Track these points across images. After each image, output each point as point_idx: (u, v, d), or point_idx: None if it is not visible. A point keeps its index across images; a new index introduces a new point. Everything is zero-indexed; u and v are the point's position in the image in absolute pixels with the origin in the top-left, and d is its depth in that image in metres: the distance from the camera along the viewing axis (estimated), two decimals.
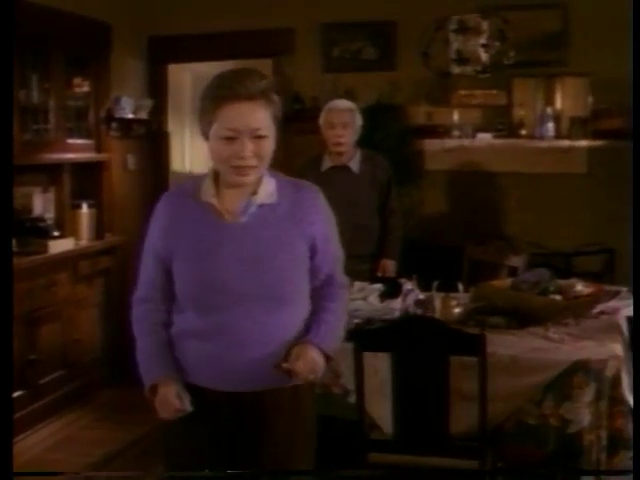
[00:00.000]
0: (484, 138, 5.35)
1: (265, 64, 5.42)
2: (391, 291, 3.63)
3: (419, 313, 3.37)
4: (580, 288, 3.49)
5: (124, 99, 5.39)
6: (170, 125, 6.26)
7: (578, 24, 5.16)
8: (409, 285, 3.54)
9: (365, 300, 3.55)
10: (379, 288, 3.69)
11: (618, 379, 2.87)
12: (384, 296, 3.61)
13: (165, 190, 2.44)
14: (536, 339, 3.14)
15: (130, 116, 5.51)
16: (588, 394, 2.84)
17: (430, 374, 2.80)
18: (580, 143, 5.19)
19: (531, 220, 5.34)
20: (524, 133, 5.32)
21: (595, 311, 3.47)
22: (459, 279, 3.81)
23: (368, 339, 2.89)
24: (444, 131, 5.43)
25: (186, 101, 6.74)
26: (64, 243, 4.75)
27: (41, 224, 4.72)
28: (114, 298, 5.17)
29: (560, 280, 3.54)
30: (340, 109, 4.18)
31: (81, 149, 5.09)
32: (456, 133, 5.38)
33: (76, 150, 5.03)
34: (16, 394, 4.23)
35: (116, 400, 4.85)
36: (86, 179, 5.20)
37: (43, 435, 4.35)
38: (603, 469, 2.83)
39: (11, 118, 4.12)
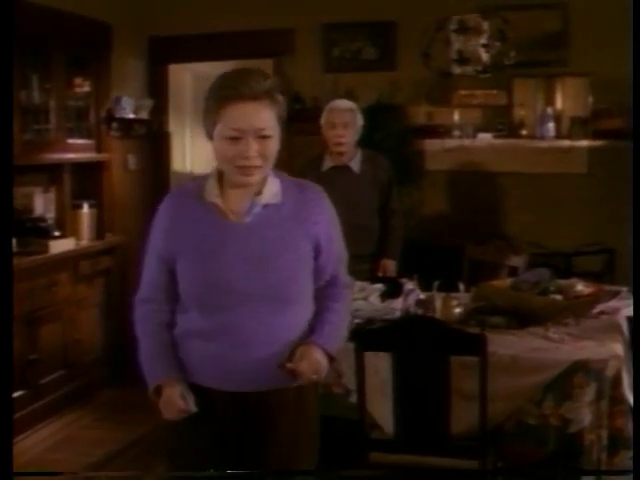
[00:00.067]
0: (484, 138, 5.35)
1: (265, 64, 5.41)
2: (392, 291, 3.64)
3: (420, 313, 3.38)
4: (580, 288, 3.49)
5: (125, 99, 5.39)
6: (171, 125, 6.26)
7: (578, 24, 5.16)
8: (410, 285, 3.55)
9: (366, 300, 3.55)
10: (380, 288, 3.69)
11: (618, 379, 2.87)
12: (385, 296, 3.62)
13: (166, 190, 2.45)
14: (536, 339, 3.14)
15: (131, 116, 5.51)
16: (588, 394, 2.84)
17: (431, 374, 2.80)
18: (580, 143, 5.19)
19: (531, 220, 5.34)
20: (524, 133, 5.32)
21: (595, 311, 3.47)
22: (460, 279, 3.82)
23: (369, 339, 2.89)
24: (444, 131, 5.43)
25: (187, 101, 6.74)
26: (65, 243, 4.75)
27: (42, 224, 4.72)
28: (114, 298, 5.17)
29: (560, 280, 3.54)
30: (341, 109, 4.18)
31: (82, 149, 5.08)
32: (456, 133, 5.39)
33: (77, 150, 5.02)
34: (16, 394, 4.23)
35: (116, 400, 4.85)
36: (87, 179, 5.20)
37: (43, 435, 4.35)
38: (603, 469, 2.83)
39: (11, 118, 4.12)
